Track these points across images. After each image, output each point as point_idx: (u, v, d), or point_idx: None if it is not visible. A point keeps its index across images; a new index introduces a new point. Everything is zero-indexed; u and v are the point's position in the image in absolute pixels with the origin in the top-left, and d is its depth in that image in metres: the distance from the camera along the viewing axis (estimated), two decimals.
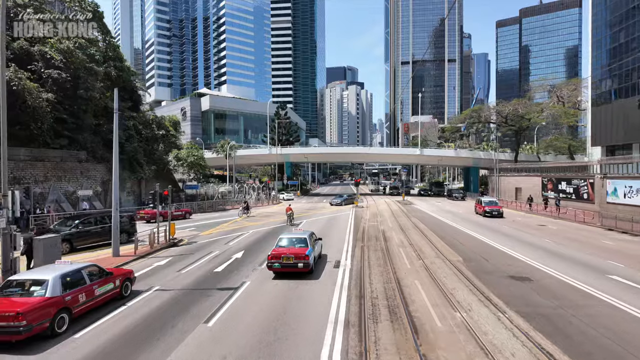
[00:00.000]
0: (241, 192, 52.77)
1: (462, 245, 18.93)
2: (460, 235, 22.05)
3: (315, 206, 44.47)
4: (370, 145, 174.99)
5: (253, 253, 17.23)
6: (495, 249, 17.96)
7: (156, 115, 37.72)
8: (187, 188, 38.89)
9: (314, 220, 30.11)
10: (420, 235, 22.17)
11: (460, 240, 20.21)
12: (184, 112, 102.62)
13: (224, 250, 18.11)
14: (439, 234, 22.54)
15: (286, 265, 12.70)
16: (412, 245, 18.58)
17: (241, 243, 19.99)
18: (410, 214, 33.90)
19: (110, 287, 10.19)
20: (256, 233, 23.45)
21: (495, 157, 53.15)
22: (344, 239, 20.85)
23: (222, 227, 26.25)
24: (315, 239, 15.49)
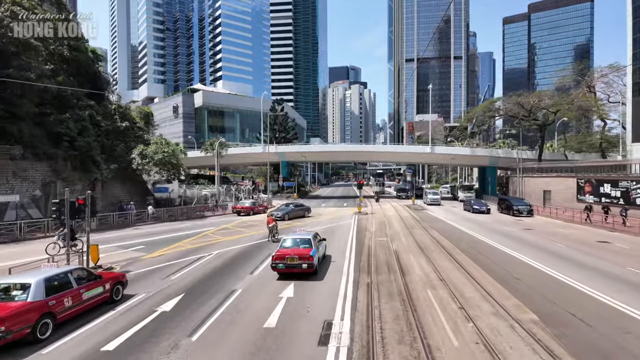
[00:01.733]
0: (228, 195, 46.52)
1: (518, 281, 12.51)
2: (508, 261, 15.60)
3: (312, 212, 38.07)
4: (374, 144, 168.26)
5: (197, 299, 10.91)
6: (578, 291, 11.49)
7: (120, 105, 31.54)
8: (156, 191, 32.74)
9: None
10: (450, 260, 15.72)
11: (511, 271, 13.78)
12: (176, 109, 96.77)
13: (156, 290, 11.82)
14: (476, 258, 16.08)
15: (290, 265, 12.71)
16: (446, 284, 12.16)
17: (190, 275, 13.66)
18: (426, 224, 27.46)
19: (99, 291, 10.02)
20: (222, 256, 17.13)
21: (518, 156, 46.58)
22: (342, 268, 14.47)
23: (181, 244, 19.94)
24: (320, 240, 15.51)
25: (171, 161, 30.67)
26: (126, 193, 31.11)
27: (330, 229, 24.95)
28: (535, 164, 45.13)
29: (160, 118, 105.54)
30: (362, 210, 36.18)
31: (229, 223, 28.98)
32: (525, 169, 46.39)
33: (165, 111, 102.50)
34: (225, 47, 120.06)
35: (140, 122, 33.78)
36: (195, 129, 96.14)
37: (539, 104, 46.61)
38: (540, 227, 26.28)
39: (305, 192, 69.36)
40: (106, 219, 26.43)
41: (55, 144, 26.80)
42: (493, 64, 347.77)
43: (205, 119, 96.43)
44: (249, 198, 44.10)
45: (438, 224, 27.53)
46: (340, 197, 63.11)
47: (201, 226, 27.30)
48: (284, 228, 25.34)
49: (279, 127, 70.07)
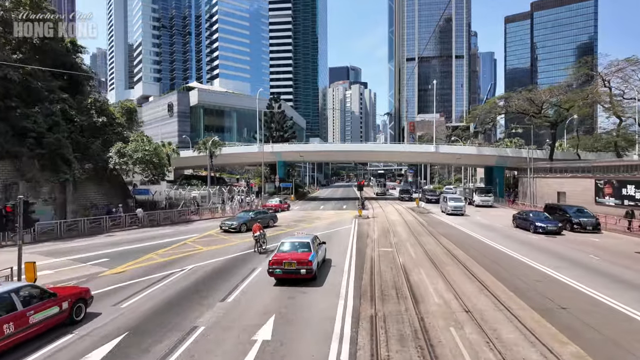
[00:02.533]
0: (219, 196, 43.64)
1: (567, 313, 9.67)
2: (544, 281, 12.75)
3: (309, 215, 35.26)
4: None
5: (142, 341, 8.06)
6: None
7: (97, 99, 28.71)
8: (137, 193, 29.92)
9: None
10: (470, 280, 12.87)
11: (552, 296, 10.95)
12: (171, 108, 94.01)
13: (95, 326, 9.00)
14: (501, 276, 13.22)
15: (288, 271, 12.10)
16: (473, 317, 9.31)
17: (148, 301, 10.82)
18: (434, 230, 24.58)
19: (54, 311, 8.65)
20: (195, 272, 14.29)
21: (529, 155, 43.73)
22: (339, 289, 11.63)
23: (153, 256, 17.10)
24: (319, 243, 14.89)
25: (153, 160, 27.79)
26: (103, 195, 28.29)
27: (327, 236, 22.08)
28: (548, 164, 42.27)
29: (155, 117, 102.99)
30: (363, 214, 33.33)
31: (215, 229, 26.13)
32: (537, 169, 43.54)
33: (160, 110, 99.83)
34: (222, 45, 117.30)
35: (120, 118, 30.93)
36: (191, 128, 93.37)
37: (550, 100, 43.73)
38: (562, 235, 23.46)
39: (303, 194, 66.50)
40: (76, 225, 23.59)
41: (21, 140, 23.97)
42: (494, 64, 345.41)
43: (201, 117, 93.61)
44: (241, 199, 41.27)
45: (445, 229, 24.64)
46: (339, 199, 60.25)
47: (184, 232, 24.44)
48: (276, 235, 22.51)
49: (276, 125, 67.23)
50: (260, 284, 12.52)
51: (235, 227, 23.81)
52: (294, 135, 71.48)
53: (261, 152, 57.48)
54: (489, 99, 72.38)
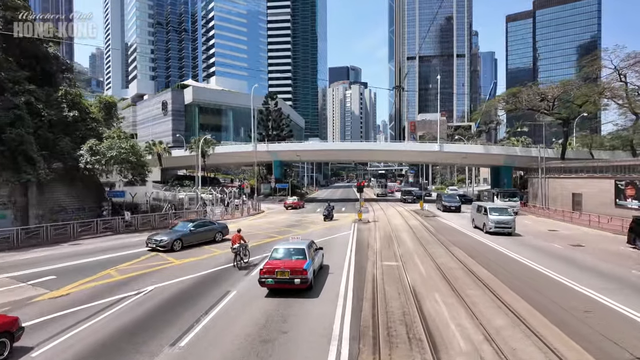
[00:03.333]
0: (212, 198, 40.82)
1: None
2: (594, 312, 9.92)
3: (303, 219, 32.44)
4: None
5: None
6: None
7: (69, 91, 25.88)
8: (112, 195, 27.13)
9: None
10: (501, 310, 10.02)
11: (616, 338, 8.14)
12: (165, 106, 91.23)
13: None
14: (541, 306, 10.38)
15: (281, 281, 11.08)
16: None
17: (76, 344, 8.00)
18: (444, 238, 21.74)
19: None
20: (155, 296, 11.46)
21: (540, 154, 40.92)
22: (332, 320, 8.79)
23: (111, 272, 14.28)
24: (316, 249, 13.82)
25: (129, 159, 24.96)
26: (74, 198, 25.47)
27: (324, 244, 19.25)
28: (561, 163, 39.42)
29: (149, 116, 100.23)
30: (363, 218, 30.49)
31: None
32: (549, 169, 40.68)
33: (154, 108, 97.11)
34: (219, 42, 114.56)
35: (96, 113, 28.10)
36: (186, 127, 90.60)
37: (563, 95, 40.92)
38: (592, 243, 20.64)
39: (300, 195, 63.61)
40: (37, 232, 20.76)
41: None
42: (494, 63, 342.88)
43: (196, 116, 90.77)
44: (232, 201, 38.45)
45: (455, 236, 21.80)
46: (338, 200, 57.40)
47: None
48: (265, 244, 19.69)
49: (273, 123, 64.44)
50: (231, 315, 9.70)
51: (166, 245, 17.90)
52: (291, 134, 68.70)
53: (257, 151, 54.73)
54: (492, 97, 69.56)
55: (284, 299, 10.84)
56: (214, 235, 20.72)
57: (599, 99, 38.81)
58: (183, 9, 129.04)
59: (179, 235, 18.80)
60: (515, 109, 44.86)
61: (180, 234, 18.94)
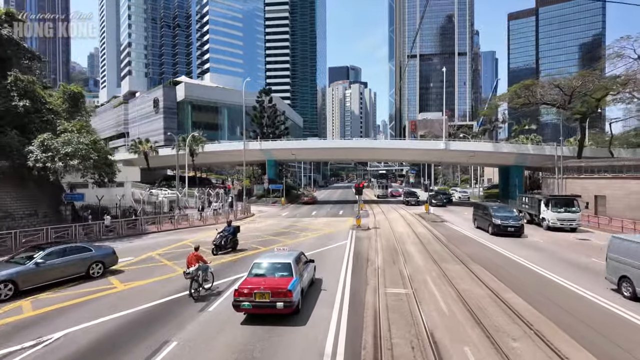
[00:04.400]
0: (199, 200, 37.23)
1: None
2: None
3: (295, 225, 28.78)
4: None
5: None
6: None
7: (20, 77, 22.20)
8: (69, 198, 23.51)
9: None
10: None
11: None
12: (157, 103, 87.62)
13: None
14: None
15: (260, 305, 9.07)
16: None
17: None
18: (460, 251, 18.10)
19: None
20: (57, 350, 7.82)
21: (557, 152, 37.31)
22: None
23: (23, 305, 10.64)
24: (306, 261, 11.93)
25: (90, 156, 21.32)
26: (25, 201, 21.81)
27: (316, 256, 15.65)
28: (582, 162, 35.80)
29: (141, 114, 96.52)
30: (363, 224, 26.84)
31: (167, 246, 19.73)
32: (566, 168, 37.06)
33: (145, 106, 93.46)
34: (213, 37, 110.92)
35: (57, 104, 24.48)
36: (178, 126, 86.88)
37: (583, 88, 37.31)
38: None
39: (296, 196, 59.99)
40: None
41: None
42: (496, 63, 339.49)
43: (189, 114, 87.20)
44: (218, 205, 34.80)
45: (472, 247, 18.18)
46: (336, 202, 53.82)
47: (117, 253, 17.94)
48: (246, 257, 16.05)
49: (267, 121, 60.79)
50: None
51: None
52: (287, 131, 65.10)
53: (248, 150, 51.14)
54: (495, 95, 65.88)
55: (262, 328, 7.28)
56: (86, 267, 13.40)
57: (617, 92, 35.15)
58: (177, 3, 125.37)
59: (12, 273, 11.43)
60: (529, 103, 41.24)
61: (15, 271, 11.57)
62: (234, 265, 15.23)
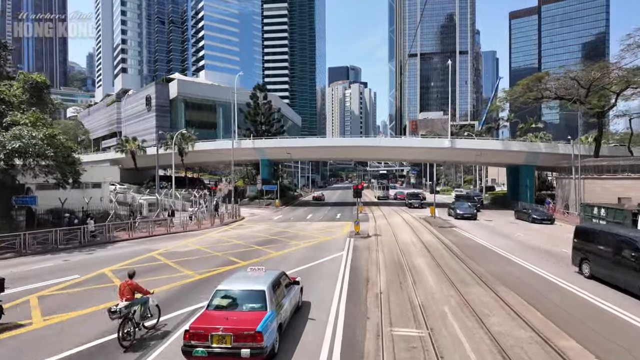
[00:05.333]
0: (183, 202, 34.16)
1: None
2: None
3: (286, 231, 25.64)
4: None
5: None
6: None
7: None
8: (20, 202, 20.39)
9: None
10: None
11: None
12: (149, 101, 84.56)
13: None
14: None
15: (219, 352, 6.67)
16: None
17: None
18: (480, 267, 14.98)
19: None
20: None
21: (575, 151, 34.22)
22: None
23: None
24: (288, 284, 9.25)
25: (45, 153, 18.22)
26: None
27: (304, 273, 12.52)
28: (603, 161, 32.67)
29: (134, 112, 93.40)
30: (362, 230, 23.70)
31: (130, 259, 16.63)
32: (584, 168, 33.94)
33: (138, 104, 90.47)
34: (209, 34, 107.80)
35: (15, 95, 21.34)
36: (171, 124, 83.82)
37: (602, 80, 34.19)
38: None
39: (292, 198, 56.98)
40: None
41: None
42: (496, 63, 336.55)
43: (182, 112, 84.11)
44: (195, 207, 31.72)
45: (496, 264, 15.06)
46: (335, 204, 50.76)
47: (63, 270, 14.80)
48: (214, 276, 12.91)
49: (261, 118, 57.65)
50: None
51: None
52: (283, 129, 61.96)
53: (240, 149, 48.15)
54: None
55: None
56: None
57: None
58: (171, 0, 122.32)
59: None
60: (541, 97, 38.10)
61: None
62: (200, 286, 12.12)
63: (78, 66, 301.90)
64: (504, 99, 41.45)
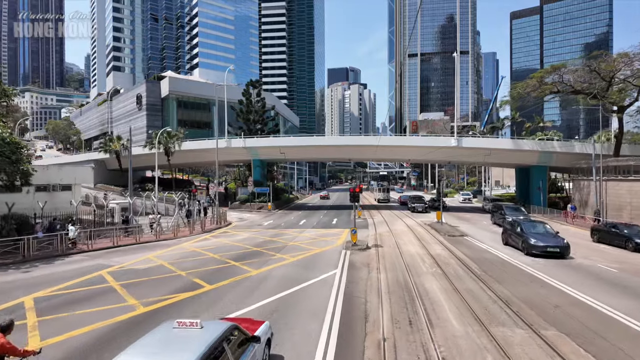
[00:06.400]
0: (179, 207, 30.91)
1: None
2: None
3: (275, 238, 22.34)
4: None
5: None
6: None
7: None
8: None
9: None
10: None
11: None
12: (140, 100, 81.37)
13: None
14: None
15: None
16: None
17: None
18: (505, 288, 11.73)
19: None
20: None
21: (597, 150, 31.02)
22: None
23: None
24: (241, 343, 5.91)
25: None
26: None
27: (277, 310, 9.20)
28: (630, 161, 29.40)
29: (125, 112, 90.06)
30: (360, 240, 20.43)
31: (69, 281, 13.35)
32: (606, 168, 30.73)
33: (129, 103, 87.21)
34: (203, 30, 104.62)
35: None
36: (162, 124, 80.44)
37: (620, 74, 31.00)
38: None
39: (286, 201, 53.69)
40: None
41: None
42: (496, 64, 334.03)
43: (174, 110, 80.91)
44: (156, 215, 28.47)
45: (526, 286, 11.85)
46: (331, 208, 47.52)
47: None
48: (164, 309, 9.61)
49: (255, 116, 54.43)
50: None
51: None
52: (277, 128, 58.73)
53: (229, 148, 45.01)
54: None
55: None
56: None
57: None
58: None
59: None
60: (557, 91, 34.88)
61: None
62: (134, 329, 8.82)
63: (77, 67, 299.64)
64: (517, 95, 38.13)
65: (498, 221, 27.51)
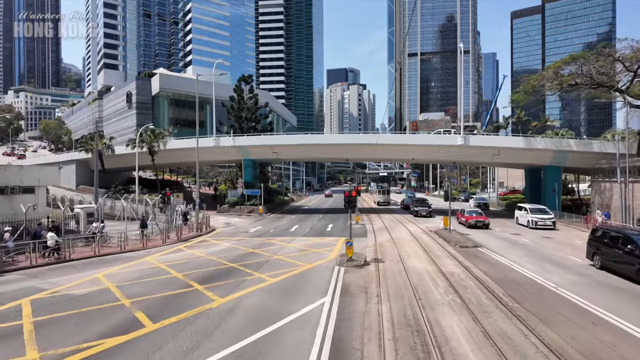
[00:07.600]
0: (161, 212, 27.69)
1: None
2: None
3: (258, 250, 19.08)
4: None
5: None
6: None
7: None
8: None
9: None
10: None
11: None
12: (130, 98, 78.17)
13: None
14: None
15: None
16: None
17: None
18: (550, 330, 8.53)
19: None
20: None
21: (618, 149, 27.87)
22: None
23: None
24: None
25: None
26: None
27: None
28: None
29: (115, 110, 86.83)
30: (356, 254, 17.19)
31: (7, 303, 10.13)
32: (632, 169, 27.58)
33: (119, 101, 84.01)
34: (197, 27, 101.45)
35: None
36: (153, 122, 77.12)
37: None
38: None
39: (280, 203, 50.46)
40: None
41: None
42: (496, 65, 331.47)
43: (165, 109, 77.70)
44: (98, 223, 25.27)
45: (594, 335, 8.74)
46: (327, 211, 44.29)
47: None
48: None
49: (247, 114, 51.22)
50: None
51: None
52: (271, 126, 55.53)
53: (218, 147, 41.86)
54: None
55: None
56: None
57: None
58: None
59: None
60: (575, 84, 31.71)
61: None
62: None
63: (75, 67, 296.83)
64: (531, 88, 34.92)
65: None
